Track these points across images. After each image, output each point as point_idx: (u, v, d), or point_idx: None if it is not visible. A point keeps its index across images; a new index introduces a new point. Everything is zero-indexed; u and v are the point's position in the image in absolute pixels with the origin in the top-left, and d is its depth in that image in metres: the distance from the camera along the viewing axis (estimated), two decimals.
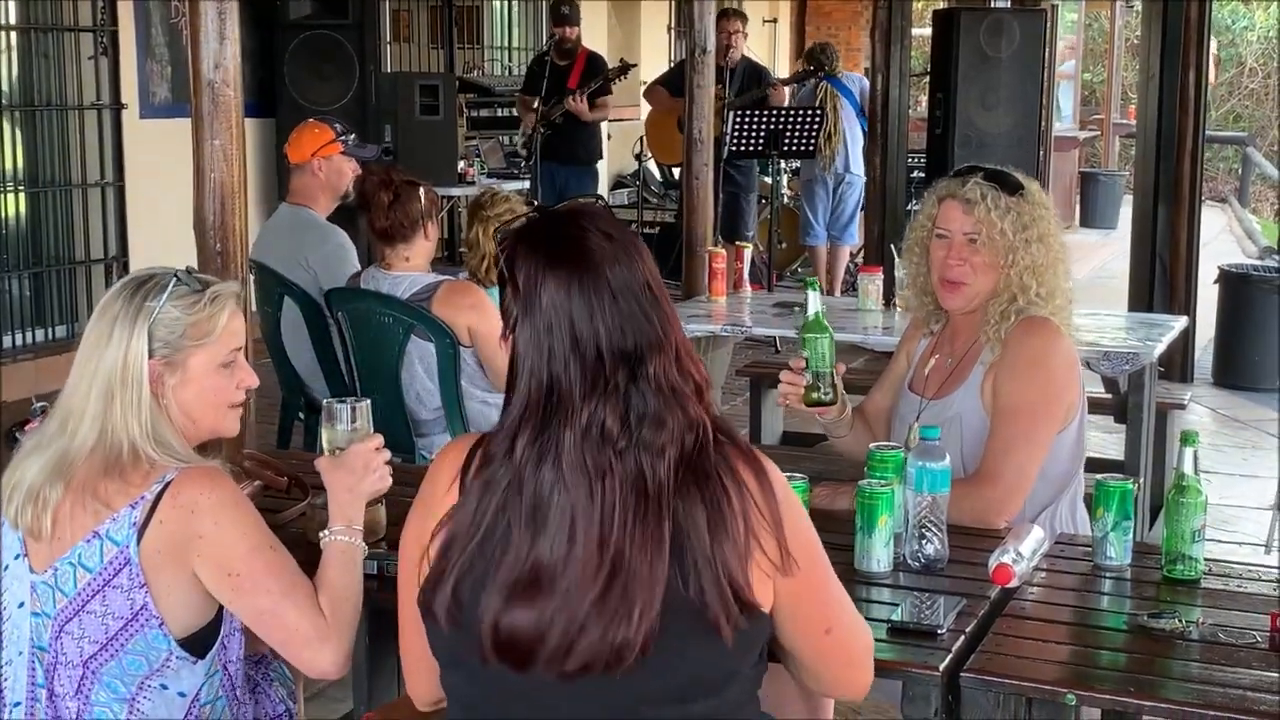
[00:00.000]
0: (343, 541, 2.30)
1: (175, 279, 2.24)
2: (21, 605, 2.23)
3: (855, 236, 9.56)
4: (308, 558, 2.48)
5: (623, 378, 1.80)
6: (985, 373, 2.96)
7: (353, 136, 4.83)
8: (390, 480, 2.41)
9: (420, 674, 2.00)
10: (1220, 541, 5.14)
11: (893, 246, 3.39)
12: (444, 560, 1.85)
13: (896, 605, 2.32)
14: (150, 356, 2.20)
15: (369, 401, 2.51)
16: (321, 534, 2.32)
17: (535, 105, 8.76)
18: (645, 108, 9.96)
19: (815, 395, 2.87)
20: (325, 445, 2.47)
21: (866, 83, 9.61)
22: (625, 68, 9.01)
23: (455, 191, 8.77)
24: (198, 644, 2.22)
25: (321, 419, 2.50)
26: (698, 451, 1.82)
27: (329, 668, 2.22)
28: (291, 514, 2.67)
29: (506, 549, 1.80)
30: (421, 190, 4.24)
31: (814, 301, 2.85)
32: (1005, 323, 2.95)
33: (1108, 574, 2.53)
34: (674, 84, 8.90)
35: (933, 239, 3.03)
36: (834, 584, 1.96)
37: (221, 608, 2.24)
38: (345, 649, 2.23)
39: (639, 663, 1.77)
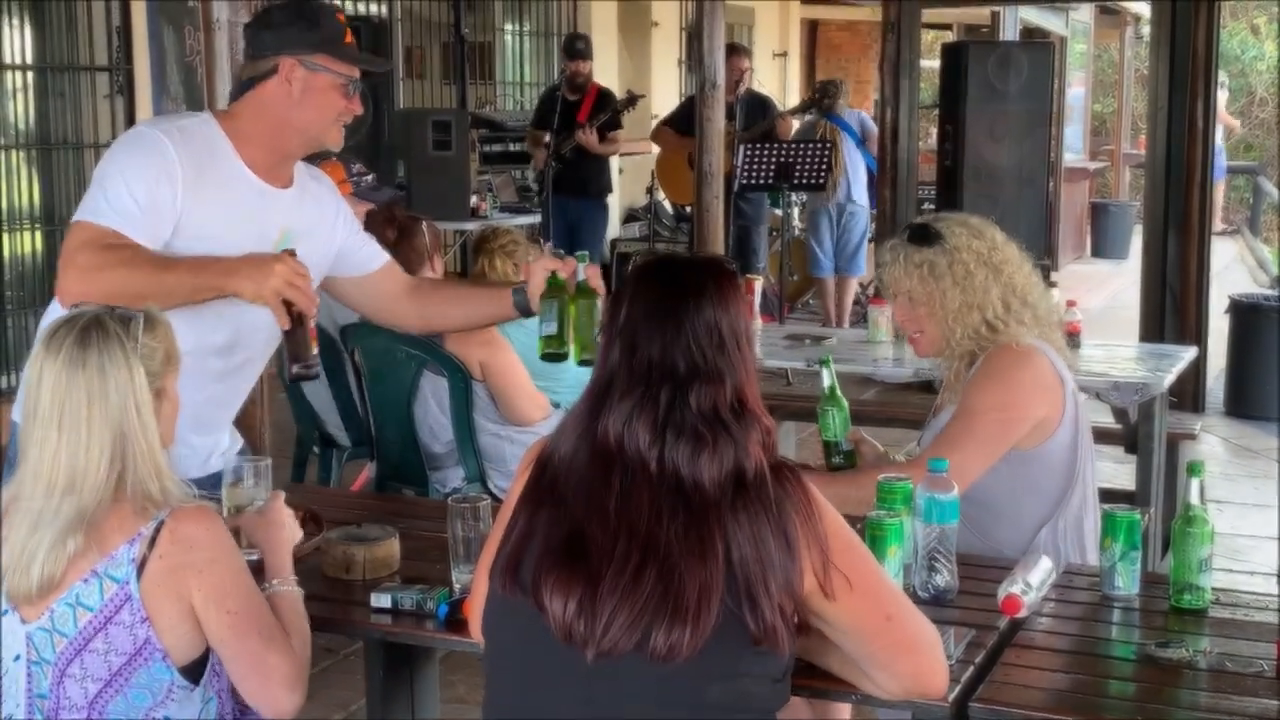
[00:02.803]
0: (286, 590, 2.40)
1: (142, 314, 2.24)
2: (17, 658, 2.22)
3: (863, 267, 9.59)
4: (324, 592, 2.56)
5: (665, 394, 1.97)
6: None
7: (369, 178, 4.81)
8: (300, 530, 2.57)
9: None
10: (1232, 571, 5.14)
11: None
12: (505, 536, 2.05)
13: None
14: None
15: (269, 460, 2.77)
16: (264, 586, 2.38)
17: (546, 140, 8.80)
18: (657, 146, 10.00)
19: (833, 461, 3.16)
20: (227, 503, 2.66)
21: (868, 117, 9.69)
22: (633, 99, 9.05)
23: (469, 226, 8.79)
24: (192, 669, 2.24)
25: (224, 480, 2.69)
26: (757, 481, 1.96)
27: (294, 707, 2.27)
28: (307, 548, 2.70)
29: (549, 521, 1.99)
30: (424, 225, 4.28)
31: (826, 378, 3.15)
32: (969, 357, 3.06)
33: (1116, 604, 2.55)
34: (680, 123, 8.95)
35: None
36: (886, 581, 2.11)
37: None
38: (305, 690, 2.29)
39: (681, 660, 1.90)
